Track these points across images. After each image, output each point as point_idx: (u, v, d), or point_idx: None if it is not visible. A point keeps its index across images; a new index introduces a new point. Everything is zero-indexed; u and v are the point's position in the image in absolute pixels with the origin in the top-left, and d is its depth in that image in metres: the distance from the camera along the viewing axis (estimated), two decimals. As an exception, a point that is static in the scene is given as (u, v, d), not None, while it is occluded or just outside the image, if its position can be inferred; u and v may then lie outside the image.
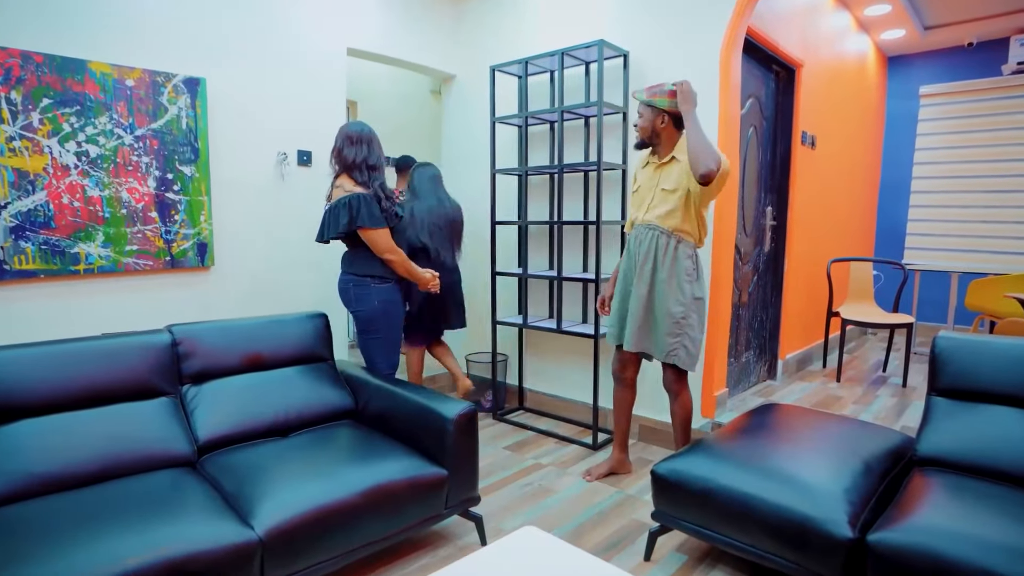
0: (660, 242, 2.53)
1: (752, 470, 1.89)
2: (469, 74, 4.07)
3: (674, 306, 2.50)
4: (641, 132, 2.57)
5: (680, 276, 2.50)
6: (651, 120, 2.53)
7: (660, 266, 2.53)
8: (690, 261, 2.51)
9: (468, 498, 2.22)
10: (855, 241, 5.44)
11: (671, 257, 2.51)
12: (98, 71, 2.48)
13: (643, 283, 2.56)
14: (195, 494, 1.80)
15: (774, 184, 3.94)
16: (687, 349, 2.53)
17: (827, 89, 4.36)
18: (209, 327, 2.34)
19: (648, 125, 2.54)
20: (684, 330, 2.51)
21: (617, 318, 2.71)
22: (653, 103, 2.51)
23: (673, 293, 2.50)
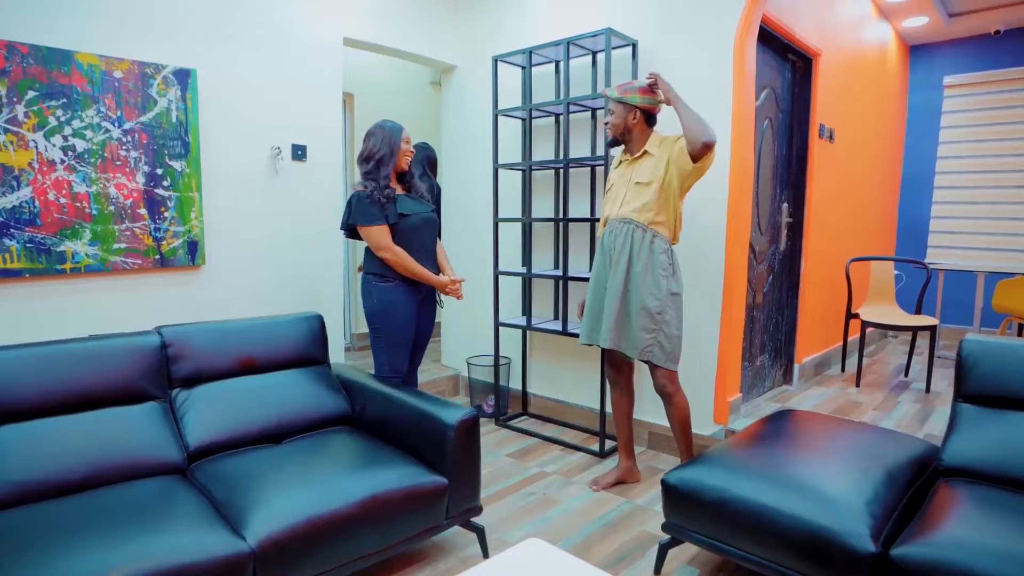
0: (636, 236, 2.58)
1: (768, 480, 1.87)
2: (470, 64, 4.06)
3: (650, 300, 2.55)
4: (613, 130, 2.65)
5: (656, 270, 2.55)
6: (623, 117, 2.61)
7: (636, 259, 2.58)
8: (665, 256, 2.57)
9: (469, 508, 2.21)
10: (875, 239, 5.41)
11: (647, 251, 2.56)
12: (85, 62, 2.48)
13: (618, 276, 2.61)
14: (185, 503, 1.80)
15: (790, 179, 3.92)
16: (662, 346, 2.57)
17: (846, 80, 4.33)
18: (200, 328, 2.34)
19: (620, 122, 2.62)
20: (660, 326, 2.56)
21: (589, 317, 2.76)
22: (625, 100, 2.58)
23: (649, 287, 2.55)
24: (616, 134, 2.65)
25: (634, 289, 2.58)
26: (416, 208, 2.73)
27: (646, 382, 3.35)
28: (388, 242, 2.64)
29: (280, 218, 3.20)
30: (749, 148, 3.14)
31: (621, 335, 2.63)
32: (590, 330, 2.76)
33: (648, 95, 2.58)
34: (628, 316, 2.61)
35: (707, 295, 3.10)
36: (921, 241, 5.88)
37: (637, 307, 2.57)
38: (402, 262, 2.65)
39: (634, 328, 2.59)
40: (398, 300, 2.69)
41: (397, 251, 2.65)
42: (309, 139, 3.29)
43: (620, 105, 2.60)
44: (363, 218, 2.60)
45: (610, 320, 2.62)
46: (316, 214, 3.35)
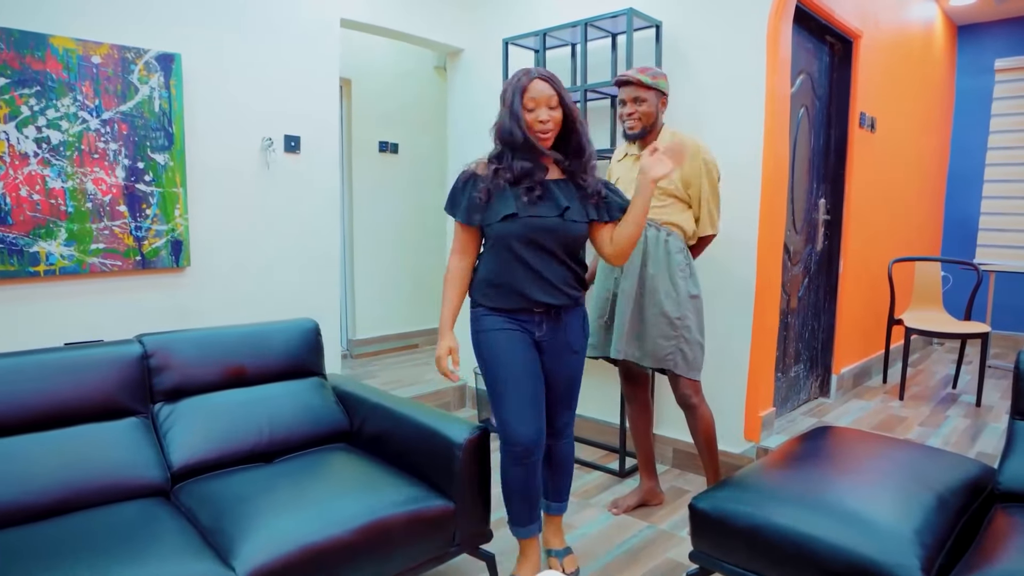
0: (649, 235, 2.56)
1: (806, 505, 1.84)
2: (478, 48, 4.05)
3: (668, 304, 2.53)
4: (644, 120, 2.56)
5: (673, 271, 2.53)
6: (655, 105, 2.55)
7: (650, 261, 2.55)
8: (682, 255, 2.56)
9: (479, 534, 2.20)
10: (920, 238, 5.36)
11: (663, 251, 2.54)
12: (61, 47, 2.48)
13: (630, 282, 2.57)
14: (168, 529, 1.79)
15: (828, 173, 3.89)
16: (683, 354, 2.55)
17: (889, 64, 4.30)
18: (184, 337, 2.33)
19: (653, 111, 2.55)
20: (680, 332, 2.53)
21: (595, 327, 2.71)
22: (659, 86, 2.53)
23: (666, 290, 2.53)
24: (647, 123, 2.56)
25: (649, 293, 2.55)
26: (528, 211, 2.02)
27: (668, 395, 3.33)
28: (457, 246, 2.18)
29: (272, 215, 3.19)
30: (784, 139, 3.11)
31: (637, 344, 2.60)
32: (598, 341, 2.72)
33: (666, 80, 2.58)
34: (644, 323, 2.58)
35: (737, 299, 3.07)
36: (970, 240, 5.82)
37: (654, 313, 2.54)
38: (446, 280, 2.19)
39: (651, 336, 2.56)
40: (488, 329, 2.15)
41: (452, 263, 2.19)
42: (303, 129, 3.28)
43: (652, 92, 2.53)
44: (447, 206, 2.18)
45: (623, 328, 2.58)
46: (311, 211, 3.34)
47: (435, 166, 5.46)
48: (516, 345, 2.12)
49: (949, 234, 5.96)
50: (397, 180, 5.37)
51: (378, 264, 5.22)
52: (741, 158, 3.00)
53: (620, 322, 2.60)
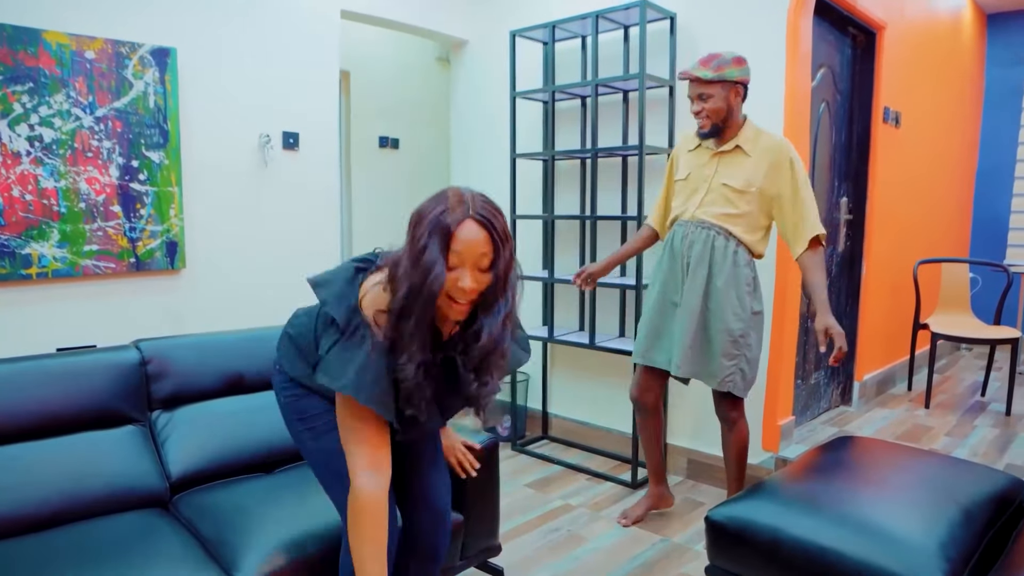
0: (717, 244, 2.53)
1: (828, 518, 1.88)
2: (484, 39, 4.09)
3: (734, 322, 2.51)
4: (715, 116, 2.48)
5: (740, 286, 2.51)
6: (726, 98, 2.45)
7: (717, 272, 2.52)
8: (750, 269, 2.55)
9: (487, 547, 2.24)
10: (947, 238, 5.39)
11: (730, 262, 2.51)
12: (54, 42, 2.53)
13: (695, 293, 2.55)
14: (168, 541, 1.83)
15: (850, 170, 3.92)
16: (743, 373, 2.55)
17: (914, 56, 4.33)
18: (183, 342, 2.37)
19: (723, 105, 2.46)
20: (742, 351, 2.53)
21: (648, 333, 2.70)
22: (724, 76, 2.44)
23: (732, 306, 2.51)
24: (718, 120, 2.48)
25: (715, 307, 2.52)
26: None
27: (681, 404, 3.37)
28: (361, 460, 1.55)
29: (270, 215, 3.24)
30: (804, 135, 3.14)
31: (700, 362, 2.58)
32: (647, 348, 2.70)
33: (744, 65, 2.46)
34: (709, 341, 2.56)
35: (755, 304, 3.10)
36: (1000, 240, 5.84)
37: (719, 329, 2.52)
38: None
39: (716, 354, 2.54)
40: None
41: (366, 488, 1.50)
42: (302, 126, 3.33)
43: (718, 85, 2.43)
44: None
45: (685, 343, 2.56)
46: (310, 210, 3.39)
47: (437, 162, 5.50)
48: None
49: (978, 234, 5.98)
50: (398, 177, 5.42)
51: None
52: (759, 156, 3.04)
53: (682, 338, 2.57)
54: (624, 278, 3.46)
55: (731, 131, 2.53)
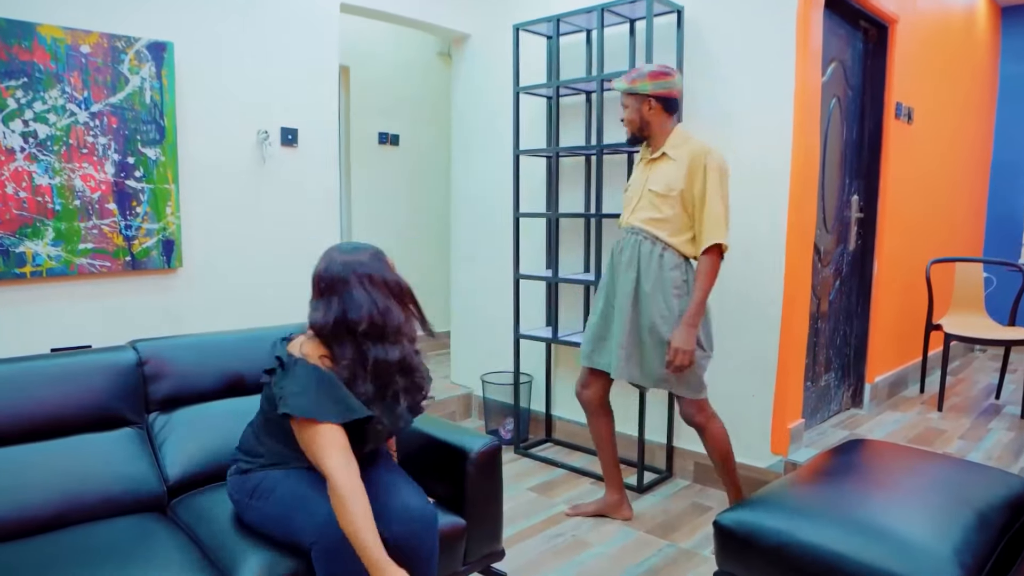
0: (643, 248, 2.67)
1: (838, 523, 1.89)
2: (486, 33, 4.10)
3: (661, 324, 2.63)
4: (629, 126, 2.72)
5: (667, 289, 2.63)
6: (637, 109, 2.67)
7: (644, 277, 2.65)
8: (678, 272, 2.64)
9: (491, 553, 2.24)
10: (961, 237, 5.39)
11: (656, 266, 2.64)
12: (49, 36, 2.54)
13: (625, 298, 2.69)
14: (165, 546, 1.84)
15: (861, 168, 3.92)
16: (683, 375, 2.64)
17: (927, 50, 4.33)
18: (181, 343, 2.38)
19: (636, 116, 2.68)
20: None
21: (593, 336, 2.85)
22: (635, 89, 2.64)
23: (659, 309, 2.63)
24: (633, 130, 2.72)
25: (644, 311, 2.66)
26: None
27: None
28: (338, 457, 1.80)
29: (268, 213, 3.25)
30: (815, 132, 3.15)
31: (634, 365, 2.71)
32: (592, 351, 2.85)
33: (661, 79, 2.62)
34: (641, 343, 2.69)
35: (764, 303, 3.11)
36: (1015, 239, 5.84)
37: (648, 332, 2.66)
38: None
39: (648, 356, 2.68)
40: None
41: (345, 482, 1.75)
42: (301, 121, 3.34)
43: (632, 97, 2.67)
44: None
45: (618, 345, 2.70)
46: (309, 207, 3.40)
47: (438, 159, 5.52)
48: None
49: (992, 232, 5.98)
50: (398, 173, 5.43)
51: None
52: (769, 152, 3.05)
53: (616, 339, 2.72)
54: (630, 277, 3.46)
55: (659, 140, 2.70)
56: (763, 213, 3.09)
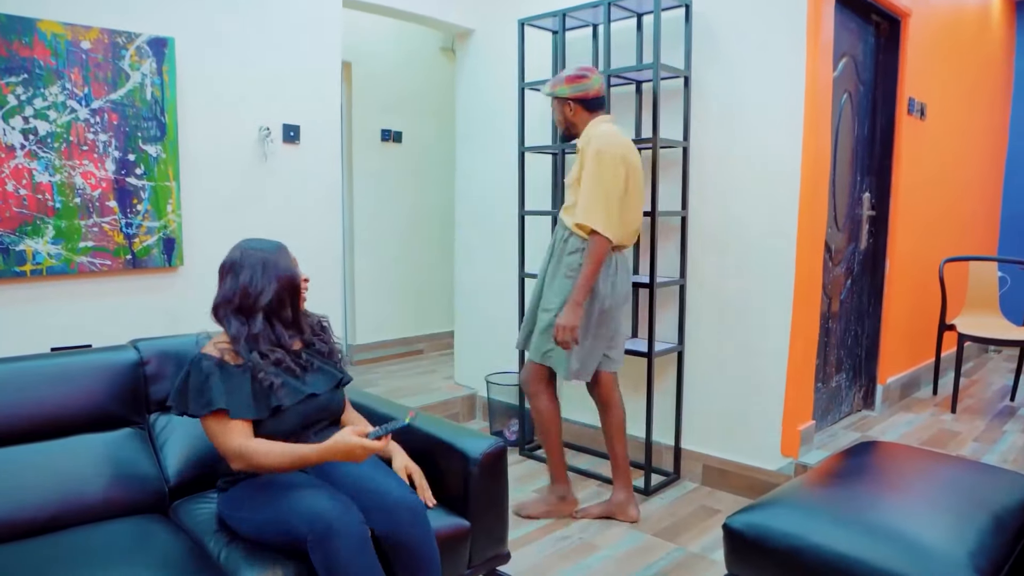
0: (557, 234, 2.94)
1: (851, 525, 1.88)
2: (491, 28, 4.10)
3: (550, 303, 2.87)
4: (560, 125, 2.98)
5: (560, 271, 2.86)
6: (561, 111, 2.92)
7: (553, 259, 2.92)
8: (577, 256, 2.81)
9: (496, 556, 2.25)
10: (975, 235, 5.38)
11: (560, 249, 2.88)
12: (49, 32, 2.55)
13: (540, 279, 3.01)
14: (166, 549, 1.85)
15: (873, 165, 3.92)
16: (561, 357, 2.85)
17: (940, 44, 4.32)
18: (182, 342, 2.39)
19: (561, 117, 2.94)
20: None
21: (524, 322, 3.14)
22: (555, 94, 2.89)
23: (555, 289, 2.87)
24: (563, 130, 2.97)
25: (546, 289, 2.93)
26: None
27: (696, 406, 3.38)
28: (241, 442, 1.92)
29: (270, 211, 3.26)
30: (825, 128, 3.15)
31: (528, 336, 3.04)
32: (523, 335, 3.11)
33: (577, 82, 2.84)
34: (536, 319, 2.97)
35: (774, 303, 3.11)
36: (1030, 237, 5.82)
37: (543, 309, 2.92)
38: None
39: (538, 331, 2.93)
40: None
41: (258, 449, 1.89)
42: (303, 118, 3.35)
43: (556, 101, 2.92)
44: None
45: (526, 317, 3.07)
46: (311, 205, 3.41)
47: (442, 156, 5.52)
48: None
49: (1007, 231, 5.96)
50: (401, 171, 5.44)
51: (379, 262, 5.28)
52: (779, 149, 3.05)
53: (526, 312, 3.07)
54: (637, 276, 3.46)
55: (577, 136, 2.93)
56: (773, 210, 3.08)
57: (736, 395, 3.26)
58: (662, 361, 3.44)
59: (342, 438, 1.78)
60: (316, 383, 2.05)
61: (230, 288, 1.98)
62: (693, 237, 3.36)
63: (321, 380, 2.07)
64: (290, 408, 1.94)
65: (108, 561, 1.77)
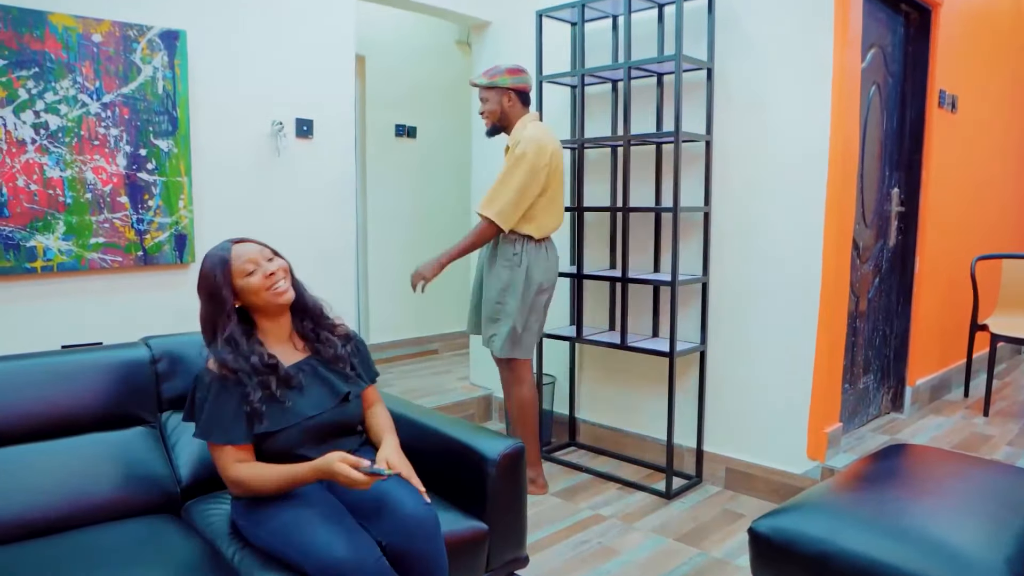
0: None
1: (883, 530, 1.86)
2: (507, 20, 4.09)
3: (492, 290, 3.17)
4: (490, 117, 3.17)
5: (499, 260, 3.15)
6: (498, 102, 3.13)
7: (493, 249, 3.20)
8: (512, 245, 3.12)
9: (514, 559, 2.24)
10: (1008, 232, 5.31)
11: (497, 240, 3.16)
12: (60, 25, 2.56)
13: (478, 268, 3.34)
14: (179, 550, 1.85)
15: (902, 159, 3.88)
16: (502, 337, 3.13)
17: (973, 34, 4.27)
18: (195, 340, 2.36)
19: (496, 108, 3.14)
20: (500, 316, 3.14)
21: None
22: (496, 84, 3.10)
23: (493, 277, 3.17)
24: (493, 120, 3.17)
25: (486, 278, 3.21)
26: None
27: (718, 406, 3.36)
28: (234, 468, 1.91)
29: (282, 207, 3.27)
30: (853, 121, 3.12)
31: (475, 323, 3.35)
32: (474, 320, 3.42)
33: (518, 75, 3.11)
34: (480, 304, 3.28)
35: (800, 301, 3.08)
36: (1065, 234, 5.74)
37: (485, 297, 3.21)
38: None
39: (483, 318, 3.23)
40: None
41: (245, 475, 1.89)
42: (316, 112, 3.35)
43: (492, 91, 3.12)
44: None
45: (472, 306, 3.37)
46: (324, 201, 3.41)
47: (457, 153, 5.52)
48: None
49: (1041, 228, 5.89)
50: (415, 167, 5.44)
51: (393, 260, 5.28)
52: (805, 142, 3.02)
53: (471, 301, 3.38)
54: (658, 273, 3.44)
55: (509, 130, 3.17)
56: (799, 206, 3.06)
57: (760, 396, 3.24)
58: (684, 361, 3.42)
59: (327, 465, 1.74)
60: (311, 403, 1.94)
61: (201, 307, 1.95)
62: (716, 233, 3.34)
63: (321, 397, 1.97)
64: (280, 433, 1.88)
65: (120, 562, 1.78)
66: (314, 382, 1.98)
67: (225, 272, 1.90)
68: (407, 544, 1.80)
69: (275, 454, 1.88)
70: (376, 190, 5.21)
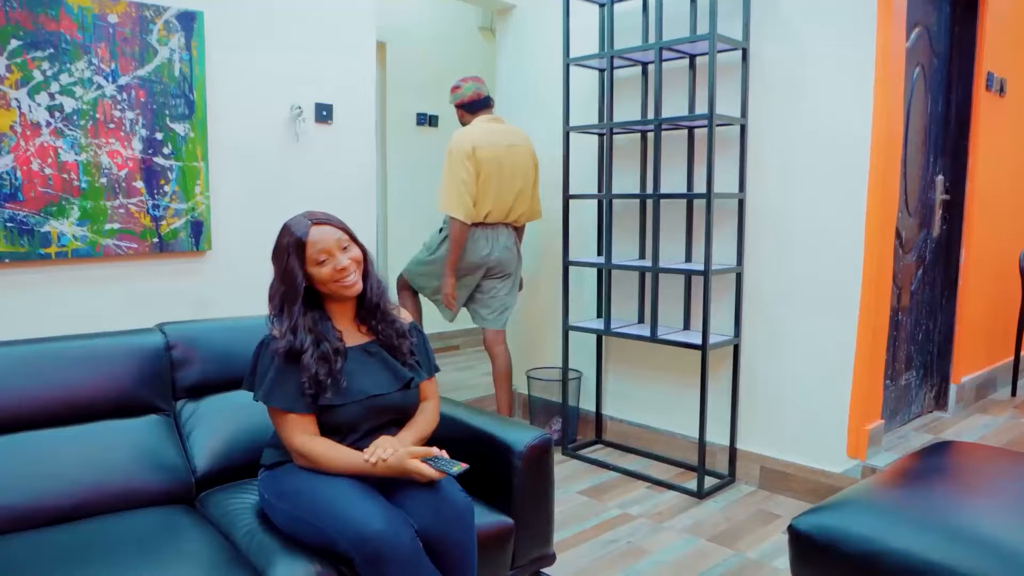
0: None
1: (933, 529, 1.80)
2: (533, 3, 4.06)
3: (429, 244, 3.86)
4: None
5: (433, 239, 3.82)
6: (459, 116, 3.80)
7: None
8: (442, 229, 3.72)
9: (541, 556, 2.21)
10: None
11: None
12: (76, 5, 2.56)
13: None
14: (193, 541, 1.84)
15: (947, 144, 3.80)
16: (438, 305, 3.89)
17: (1023, 13, 4.17)
18: (211, 327, 2.39)
19: (460, 120, 3.80)
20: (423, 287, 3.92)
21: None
22: (450, 101, 3.80)
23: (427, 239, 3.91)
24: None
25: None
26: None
27: (753, 402, 3.30)
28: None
29: (301, 193, 3.25)
30: (897, 104, 3.05)
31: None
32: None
33: (454, 92, 3.70)
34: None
35: (840, 293, 3.02)
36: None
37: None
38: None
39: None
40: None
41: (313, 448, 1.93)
42: (336, 97, 3.33)
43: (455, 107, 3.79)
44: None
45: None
46: (344, 188, 3.39)
47: (480, 141, 5.48)
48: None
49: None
50: (437, 157, 5.40)
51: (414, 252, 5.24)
52: (846, 126, 2.95)
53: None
54: (690, 263, 3.39)
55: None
56: (839, 193, 2.99)
57: (798, 392, 3.17)
58: (717, 354, 3.36)
59: (401, 464, 1.80)
60: (375, 382, 1.99)
61: (273, 277, 1.99)
62: (751, 221, 3.27)
63: (385, 379, 2.01)
64: (342, 407, 1.92)
65: (133, 552, 1.76)
66: (378, 364, 2.03)
67: (299, 255, 1.93)
68: (442, 530, 1.81)
69: (333, 428, 1.92)
70: (397, 179, 5.19)
